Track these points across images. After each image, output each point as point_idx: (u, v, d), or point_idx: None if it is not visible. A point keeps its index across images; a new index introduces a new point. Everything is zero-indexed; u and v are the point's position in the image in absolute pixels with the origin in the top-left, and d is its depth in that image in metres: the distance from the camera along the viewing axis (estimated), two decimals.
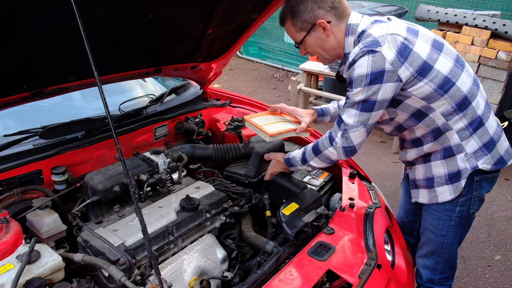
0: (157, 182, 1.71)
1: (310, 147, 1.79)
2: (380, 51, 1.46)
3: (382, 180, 4.06)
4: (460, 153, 1.64)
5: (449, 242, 1.80)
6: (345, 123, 1.61)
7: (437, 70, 1.52)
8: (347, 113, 1.60)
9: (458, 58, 1.60)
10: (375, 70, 1.47)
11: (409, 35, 1.52)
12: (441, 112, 1.57)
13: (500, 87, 4.60)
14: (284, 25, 1.69)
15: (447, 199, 1.71)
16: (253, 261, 1.65)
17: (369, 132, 1.62)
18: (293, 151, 1.89)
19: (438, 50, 1.55)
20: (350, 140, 1.62)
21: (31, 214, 1.53)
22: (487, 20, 4.43)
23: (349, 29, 1.60)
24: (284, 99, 6.17)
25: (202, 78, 2.50)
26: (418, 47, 1.50)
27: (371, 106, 1.53)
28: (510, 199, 3.93)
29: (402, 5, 5.90)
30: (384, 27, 1.54)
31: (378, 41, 1.48)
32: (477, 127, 1.61)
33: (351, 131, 1.60)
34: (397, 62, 1.47)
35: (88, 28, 1.05)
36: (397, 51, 1.47)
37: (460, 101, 1.56)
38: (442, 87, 1.53)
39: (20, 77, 1.53)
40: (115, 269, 1.28)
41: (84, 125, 1.95)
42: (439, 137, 1.64)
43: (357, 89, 1.52)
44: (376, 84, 1.48)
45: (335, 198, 2.02)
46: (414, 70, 1.49)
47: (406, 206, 2.17)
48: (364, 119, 1.57)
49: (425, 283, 1.93)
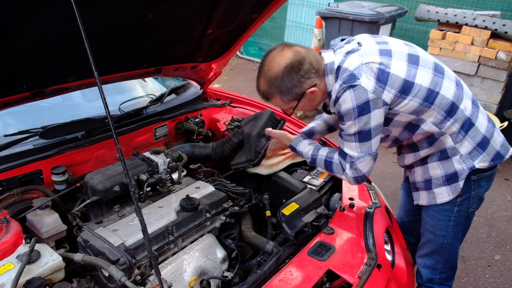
0: (157, 182, 1.71)
1: (323, 158, 1.73)
2: (359, 84, 1.48)
3: (382, 180, 4.06)
4: (455, 155, 1.65)
5: (449, 242, 1.80)
6: (350, 156, 1.61)
7: (418, 85, 1.53)
8: (347, 146, 1.61)
9: (436, 67, 1.60)
10: (360, 103, 1.49)
11: (383, 58, 1.53)
12: (432, 121, 1.59)
13: (500, 87, 4.60)
14: (270, 101, 1.69)
15: (445, 200, 1.72)
16: (253, 261, 1.65)
17: (375, 158, 1.62)
18: (302, 144, 1.83)
19: (415, 64, 1.56)
20: (359, 170, 1.62)
21: (31, 214, 1.53)
22: (487, 20, 4.43)
23: (326, 70, 1.62)
24: None
25: (202, 78, 2.50)
26: (394, 68, 1.52)
27: (367, 135, 1.55)
28: (510, 199, 3.93)
29: (402, 5, 5.90)
30: (356, 58, 1.55)
31: (355, 74, 1.50)
32: (468, 128, 1.62)
33: (358, 162, 1.60)
34: (378, 89, 1.49)
35: (88, 28, 1.05)
36: (376, 79, 1.49)
37: (448, 108, 1.58)
38: (427, 99, 1.55)
39: (20, 77, 1.53)
40: (115, 269, 1.28)
41: (84, 125, 1.95)
42: (434, 142, 1.66)
43: (349, 122, 1.55)
44: (365, 115, 1.51)
45: (335, 198, 2.02)
46: (397, 91, 1.51)
47: (406, 207, 2.18)
48: (366, 148, 1.58)
49: (425, 283, 1.93)
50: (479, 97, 4.74)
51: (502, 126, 4.18)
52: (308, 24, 7.35)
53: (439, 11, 4.74)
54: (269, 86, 1.62)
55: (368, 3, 5.56)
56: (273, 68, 1.58)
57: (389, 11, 5.32)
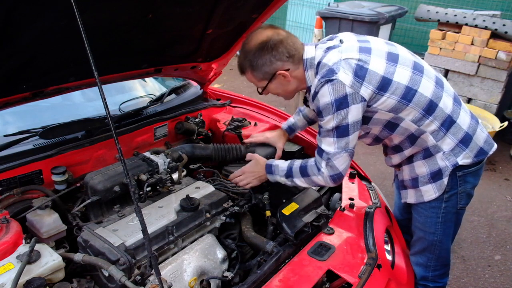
0: (157, 182, 1.71)
1: (298, 165, 1.76)
2: (337, 78, 1.52)
3: (382, 180, 4.06)
4: (438, 153, 1.67)
5: (439, 239, 1.81)
6: (326, 152, 1.63)
7: (396, 82, 1.56)
8: (325, 142, 1.63)
9: (415, 65, 1.63)
10: (338, 97, 1.52)
11: (362, 55, 1.57)
12: (410, 119, 1.61)
13: (500, 87, 4.60)
14: (245, 75, 1.75)
15: (432, 197, 1.74)
16: (253, 261, 1.64)
17: (351, 155, 1.65)
18: (277, 160, 1.88)
19: (394, 62, 1.60)
20: (335, 168, 1.64)
21: (31, 214, 1.53)
22: (487, 20, 4.43)
23: (306, 64, 1.66)
24: (284, 99, 6.16)
25: (202, 78, 2.50)
26: (373, 65, 1.55)
27: (345, 130, 1.57)
28: (510, 199, 3.94)
29: (402, 5, 5.91)
30: (336, 54, 1.59)
31: (333, 69, 1.54)
32: (449, 126, 1.64)
33: (334, 158, 1.62)
34: (356, 84, 1.52)
35: (88, 28, 1.05)
36: (353, 74, 1.53)
37: (426, 106, 1.60)
38: (405, 97, 1.58)
39: (20, 77, 1.53)
40: (115, 269, 1.28)
41: (84, 125, 1.94)
42: (416, 141, 1.68)
43: (327, 117, 1.57)
44: (343, 109, 1.53)
45: (335, 198, 2.02)
46: (375, 87, 1.54)
47: (400, 205, 2.20)
48: (343, 144, 1.60)
49: (419, 281, 1.93)
50: (479, 97, 4.75)
51: (502, 126, 4.18)
52: (308, 24, 7.35)
53: (439, 11, 4.75)
54: (243, 59, 1.69)
55: (368, 3, 5.56)
56: (250, 42, 1.65)
57: (389, 11, 5.32)
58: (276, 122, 2.50)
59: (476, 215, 3.64)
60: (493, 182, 4.20)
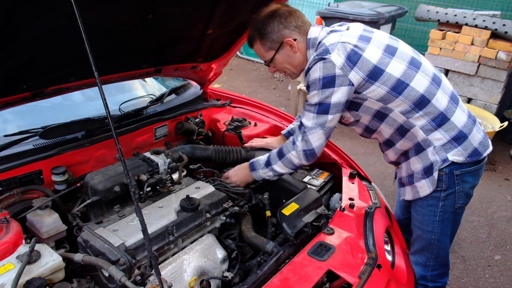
0: (157, 182, 1.71)
1: (275, 150, 1.84)
2: (329, 58, 1.58)
3: (382, 180, 4.06)
4: (429, 147, 1.69)
5: (436, 238, 1.82)
6: (304, 125, 1.70)
7: (388, 73, 1.61)
8: (306, 116, 1.70)
9: (412, 61, 1.67)
10: (326, 75, 1.58)
11: (360, 42, 1.62)
12: (399, 111, 1.66)
13: (500, 87, 4.60)
14: (253, 47, 1.81)
15: (426, 192, 1.75)
16: (253, 261, 1.64)
17: (327, 135, 1.70)
18: (259, 156, 1.94)
19: (391, 54, 1.64)
20: (309, 143, 1.69)
21: (31, 214, 1.53)
22: (487, 20, 4.43)
23: (309, 43, 1.73)
24: (284, 99, 6.17)
25: (202, 78, 2.50)
26: (368, 53, 1.60)
27: (326, 108, 1.63)
28: (510, 199, 3.94)
29: (402, 5, 5.90)
30: (336, 36, 1.65)
31: (328, 49, 1.60)
32: (441, 122, 1.66)
33: (309, 133, 1.68)
34: (346, 67, 1.57)
35: (88, 28, 1.05)
36: (346, 57, 1.58)
37: (417, 100, 1.63)
38: (395, 89, 1.62)
39: (20, 77, 1.53)
40: (115, 269, 1.28)
41: (84, 125, 1.94)
42: (405, 134, 1.72)
43: (313, 92, 1.63)
44: (329, 88, 1.59)
45: (335, 198, 2.02)
46: (365, 75, 1.59)
47: (401, 204, 2.21)
48: (321, 122, 1.65)
49: (418, 280, 1.94)
50: (479, 97, 4.75)
51: (502, 126, 4.18)
52: None
53: (439, 11, 4.75)
54: (253, 29, 1.78)
55: (368, 3, 5.56)
56: (260, 13, 1.75)
57: (389, 11, 5.32)
58: (276, 122, 2.50)
59: (476, 215, 3.64)
60: (493, 182, 4.20)
